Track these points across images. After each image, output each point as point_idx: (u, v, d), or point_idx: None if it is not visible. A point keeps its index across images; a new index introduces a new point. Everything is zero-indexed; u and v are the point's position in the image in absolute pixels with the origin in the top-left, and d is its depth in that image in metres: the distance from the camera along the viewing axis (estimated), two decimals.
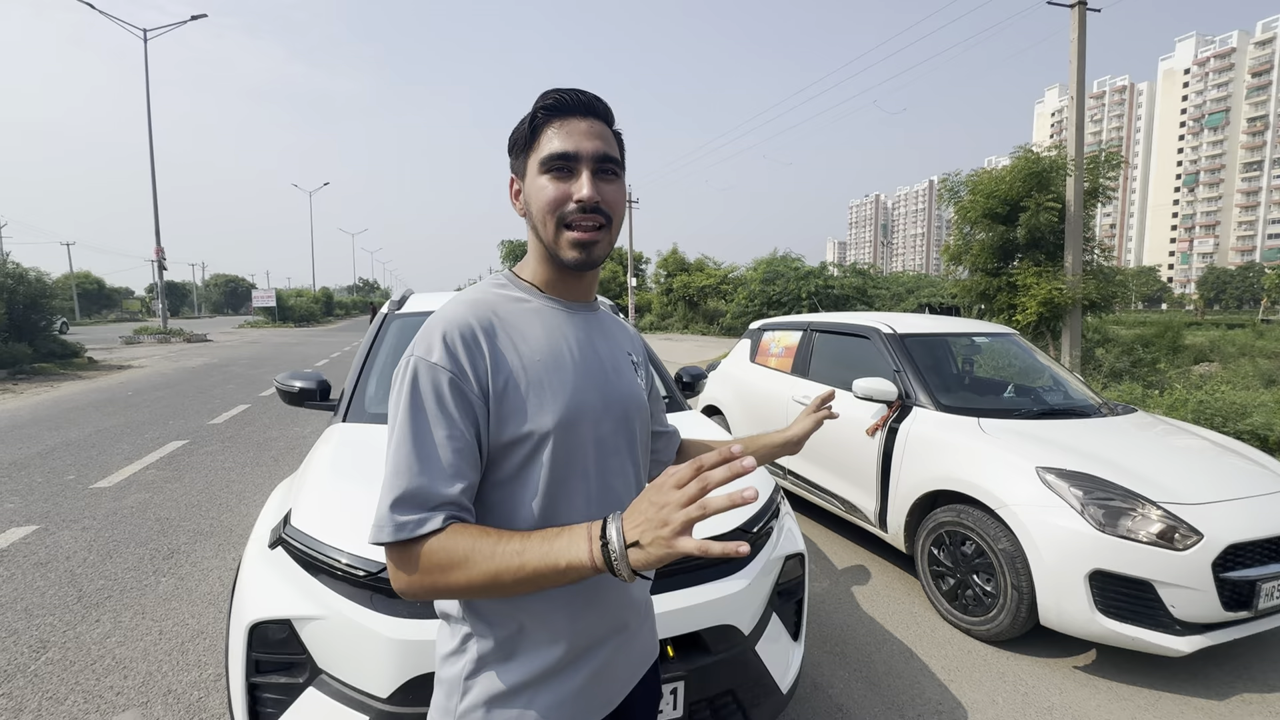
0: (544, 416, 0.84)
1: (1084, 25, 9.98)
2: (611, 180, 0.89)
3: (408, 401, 0.80)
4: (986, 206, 10.64)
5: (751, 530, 1.88)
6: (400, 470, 0.78)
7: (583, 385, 0.89)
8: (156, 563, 3.56)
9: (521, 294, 0.92)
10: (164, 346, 20.50)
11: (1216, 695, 2.49)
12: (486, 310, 0.87)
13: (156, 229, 22.37)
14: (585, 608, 0.88)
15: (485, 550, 0.75)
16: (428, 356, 0.81)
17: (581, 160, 0.85)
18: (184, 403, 9.01)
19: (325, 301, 51.56)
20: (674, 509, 0.65)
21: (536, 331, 0.88)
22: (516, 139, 0.91)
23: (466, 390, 0.80)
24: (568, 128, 0.86)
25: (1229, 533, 2.46)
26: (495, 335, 0.85)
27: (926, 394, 3.44)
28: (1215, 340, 16.15)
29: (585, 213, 0.86)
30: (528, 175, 0.89)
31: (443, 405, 0.79)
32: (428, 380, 0.80)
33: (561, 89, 0.88)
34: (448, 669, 0.88)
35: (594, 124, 0.88)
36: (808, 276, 23.12)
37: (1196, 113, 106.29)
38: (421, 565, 0.76)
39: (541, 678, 0.85)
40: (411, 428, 0.79)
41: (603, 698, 0.91)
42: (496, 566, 0.74)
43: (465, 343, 0.82)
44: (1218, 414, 6.40)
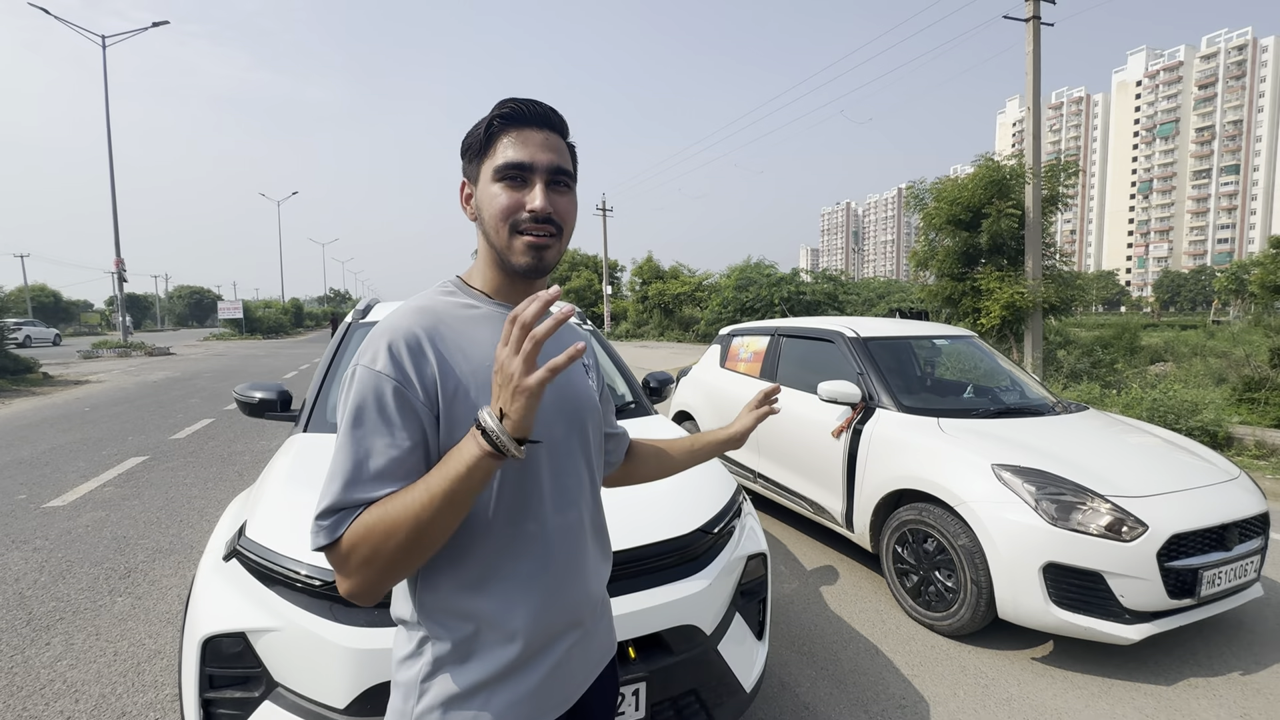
0: None
1: (1039, 39, 10.35)
2: (564, 192, 0.90)
3: (350, 410, 0.81)
4: (951, 213, 10.94)
5: (712, 530, 1.91)
6: (334, 477, 0.79)
7: None
8: (112, 582, 3.46)
9: (470, 300, 0.93)
10: (124, 360, 19.86)
11: (1164, 681, 2.59)
12: (433, 317, 0.87)
13: (116, 240, 21.73)
14: (542, 606, 0.89)
15: (396, 507, 0.75)
16: (372, 365, 0.81)
17: (536, 171, 0.87)
18: (144, 418, 8.75)
19: (295, 312, 50.57)
20: (509, 359, 0.69)
21: (485, 337, 0.88)
22: (470, 144, 0.91)
23: (411, 398, 0.80)
24: (523, 138, 0.87)
25: (1172, 523, 2.57)
26: (442, 342, 0.85)
27: (889, 396, 3.52)
28: (1170, 341, 16.78)
29: (538, 222, 0.87)
30: (480, 181, 0.90)
31: (384, 413, 0.79)
32: (370, 388, 0.80)
33: (518, 99, 0.89)
34: (404, 672, 0.88)
35: (549, 136, 0.89)
36: (780, 283, 23.41)
37: (1148, 123, 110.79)
38: (354, 554, 0.76)
39: (498, 677, 0.86)
40: (351, 435, 0.80)
41: (559, 695, 0.92)
42: (413, 511, 0.74)
43: (410, 350, 0.82)
44: (1171, 411, 6.66)
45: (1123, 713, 2.39)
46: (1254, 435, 6.48)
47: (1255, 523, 2.80)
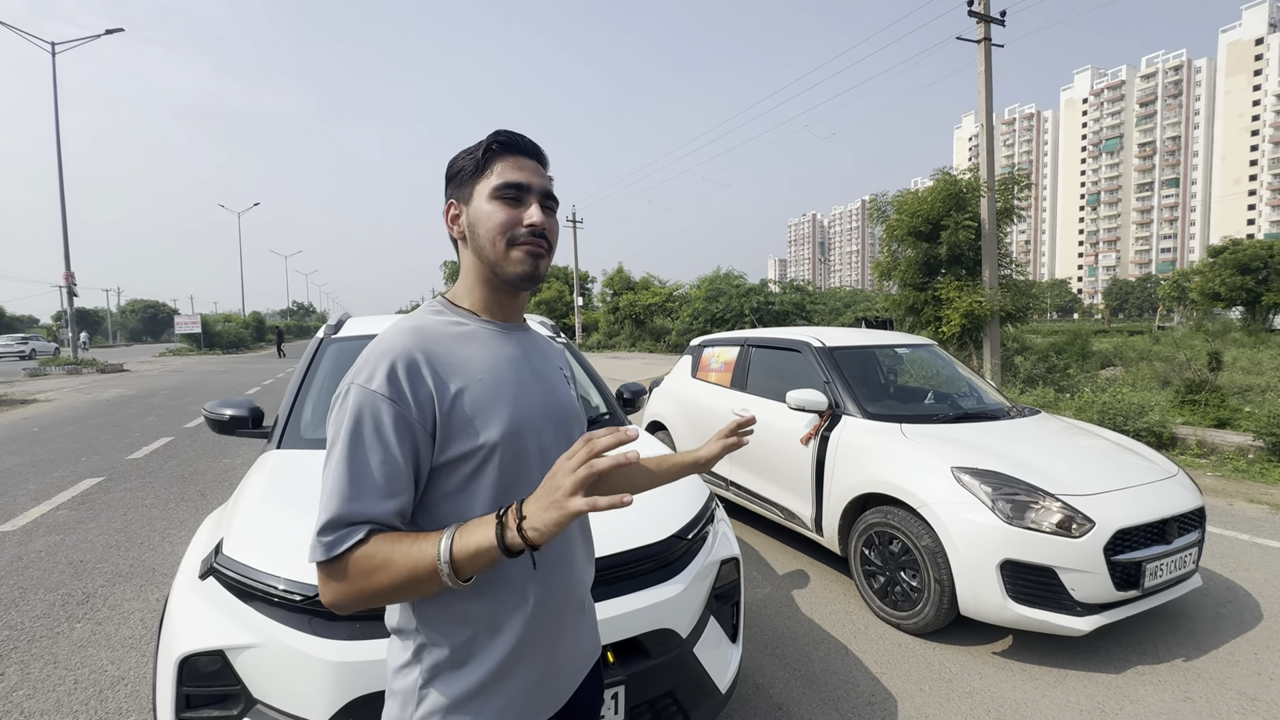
0: (490, 430, 0.90)
1: (990, 60, 10.84)
2: (551, 214, 0.99)
3: (347, 428, 0.84)
4: (911, 225, 11.32)
5: (687, 536, 1.97)
6: (334, 493, 0.83)
7: (523, 400, 0.95)
8: (70, 608, 3.34)
9: (459, 319, 0.98)
10: (75, 378, 19.05)
11: (1114, 670, 2.73)
12: (426, 336, 0.92)
13: (66, 253, 20.90)
14: (534, 608, 0.93)
15: (402, 551, 0.80)
16: (368, 384, 0.85)
17: (532, 191, 0.96)
18: (98, 437, 8.42)
19: (256, 326, 49.21)
20: (564, 475, 0.75)
21: (477, 353, 0.94)
22: (464, 167, 0.98)
23: (408, 416, 0.85)
24: (518, 164, 0.97)
25: (1118, 519, 2.73)
26: (438, 361, 0.90)
27: (854, 403, 3.65)
28: (1119, 346, 17.55)
29: (535, 236, 0.95)
30: (474, 200, 0.97)
31: (380, 432, 0.83)
32: (367, 407, 0.84)
33: (512, 131, 0.99)
34: (401, 680, 0.91)
35: (539, 166, 1.00)
36: (749, 293, 23.77)
37: (1095, 138, 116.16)
38: (348, 574, 0.81)
39: (493, 679, 0.90)
40: (348, 453, 0.83)
41: (551, 696, 0.97)
42: (413, 563, 0.79)
43: (408, 371, 0.86)
44: (1120, 414, 6.99)
45: (1076, 701, 2.51)
46: (1196, 435, 6.84)
47: (1192, 517, 2.99)
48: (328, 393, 2.78)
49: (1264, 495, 5.30)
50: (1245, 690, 2.57)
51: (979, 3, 10.75)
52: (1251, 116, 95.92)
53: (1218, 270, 30.03)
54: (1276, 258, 28.57)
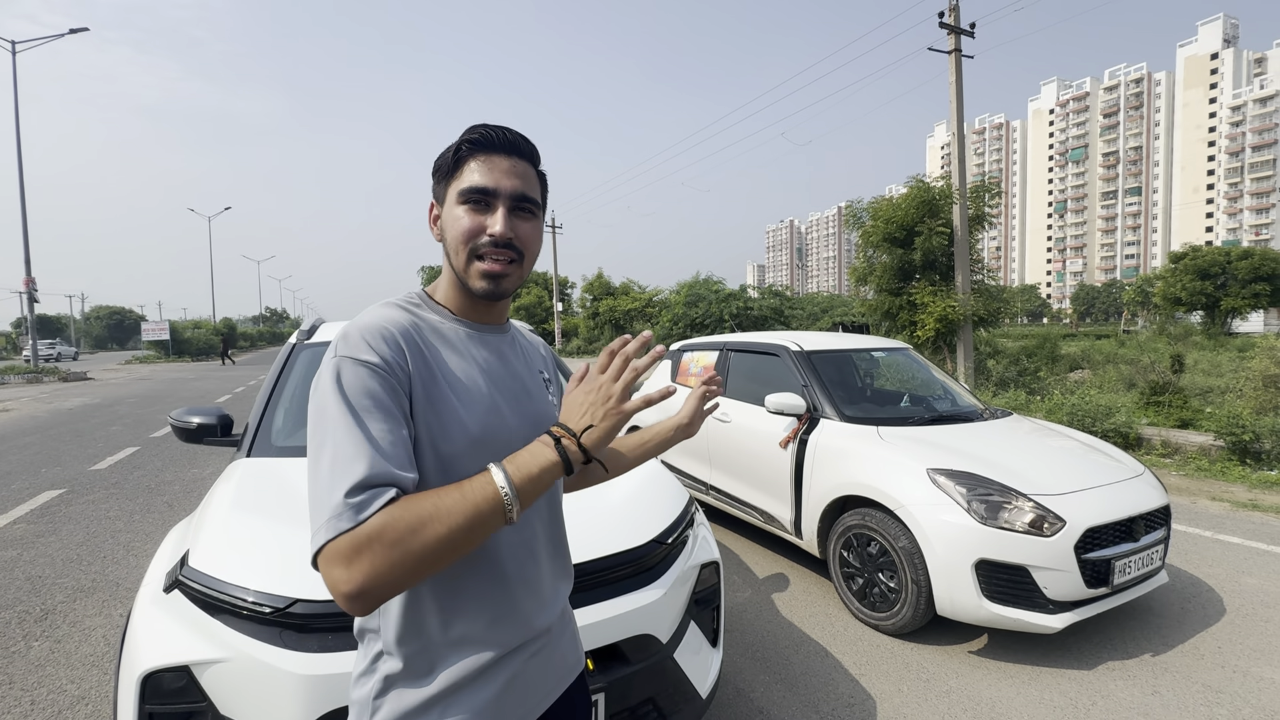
0: (454, 437, 0.85)
1: (960, 70, 11.09)
2: (528, 219, 0.92)
3: (339, 398, 0.78)
4: (886, 231, 11.52)
5: (666, 540, 1.96)
6: (345, 460, 0.74)
7: (495, 407, 0.91)
8: (27, 626, 3.21)
9: (435, 316, 0.94)
10: (35, 387, 18.41)
11: (1085, 666, 2.79)
12: (405, 319, 0.88)
13: (26, 257, 20.25)
14: (492, 621, 0.89)
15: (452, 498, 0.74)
16: (354, 354, 0.81)
17: (499, 196, 0.89)
18: (59, 448, 8.14)
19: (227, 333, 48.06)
20: (608, 383, 0.81)
21: (449, 353, 0.90)
22: (440, 165, 0.93)
23: (396, 386, 0.81)
24: (490, 164, 0.89)
25: (1087, 518, 2.79)
26: (415, 343, 0.86)
27: (832, 406, 3.68)
28: (1086, 350, 18.06)
29: (497, 247, 0.89)
30: (446, 203, 0.92)
31: (376, 398, 0.79)
32: (356, 376, 0.79)
33: (489, 125, 0.91)
34: (358, 689, 0.88)
35: (516, 163, 0.91)
36: (728, 299, 23.92)
37: (1061, 147, 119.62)
38: (385, 538, 0.70)
39: (452, 690, 0.86)
40: (348, 421, 0.77)
41: (518, 710, 0.92)
42: (471, 504, 0.74)
43: (388, 342, 0.83)
44: (1088, 415, 7.16)
45: (1050, 698, 2.56)
46: (1160, 435, 7.05)
47: (1158, 515, 3.07)
48: (300, 400, 2.72)
49: (1225, 493, 5.47)
50: (1210, 683, 2.64)
51: (950, 15, 11.01)
52: (1208, 128, 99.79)
53: (1179, 275, 31.10)
54: (1234, 263, 29.66)
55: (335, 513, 0.71)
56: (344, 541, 0.70)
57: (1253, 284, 29.06)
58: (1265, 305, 30.12)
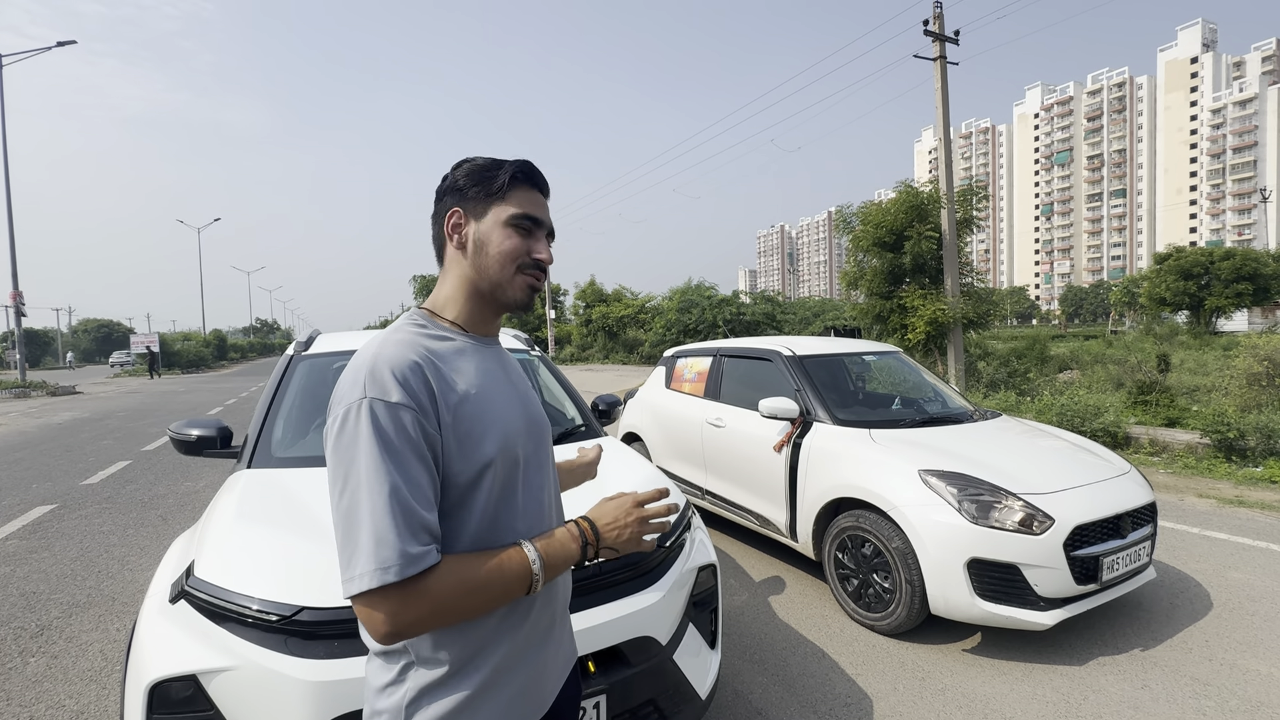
0: (487, 446, 0.91)
1: (945, 76, 11.26)
2: (550, 245, 1.07)
3: (375, 442, 0.81)
4: (876, 236, 11.62)
5: (664, 544, 2.00)
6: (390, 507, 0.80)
7: (509, 413, 0.98)
8: (23, 642, 3.20)
9: (444, 333, 0.99)
10: (23, 402, 18.21)
11: (1077, 662, 2.84)
12: (422, 349, 0.92)
13: (14, 270, 20.06)
14: (520, 617, 0.96)
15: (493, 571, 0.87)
16: (385, 396, 0.83)
17: (543, 227, 1.03)
18: (50, 463, 8.07)
19: (218, 345, 47.72)
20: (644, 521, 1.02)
21: (466, 367, 0.96)
22: (483, 181, 0.99)
23: (427, 426, 0.85)
24: (534, 198, 1.02)
25: (1075, 516, 2.84)
26: (438, 372, 0.91)
27: (824, 410, 3.73)
28: (1075, 350, 18.24)
29: (540, 270, 1.02)
30: (488, 220, 0.99)
31: (411, 442, 0.83)
32: (390, 419, 0.83)
33: (532, 164, 1.04)
34: (385, 700, 0.89)
35: (547, 202, 1.06)
36: (721, 304, 24.06)
37: (1047, 151, 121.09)
38: (431, 596, 0.81)
39: (482, 690, 0.91)
40: (389, 465, 0.81)
41: (537, 700, 0.99)
42: (507, 581, 0.88)
43: (418, 381, 0.87)
44: (1077, 415, 7.26)
45: (1042, 693, 2.60)
46: (1148, 434, 7.15)
47: (1145, 512, 3.13)
48: (299, 410, 2.74)
49: (1211, 490, 5.57)
50: (1198, 676, 2.70)
51: (934, 22, 11.18)
52: (1190, 130, 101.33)
53: (1163, 276, 31.52)
54: (1216, 264, 30.10)
55: (382, 563, 0.78)
56: (391, 592, 0.79)
57: (1235, 283, 29.51)
58: (1248, 304, 30.58)
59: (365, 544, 0.79)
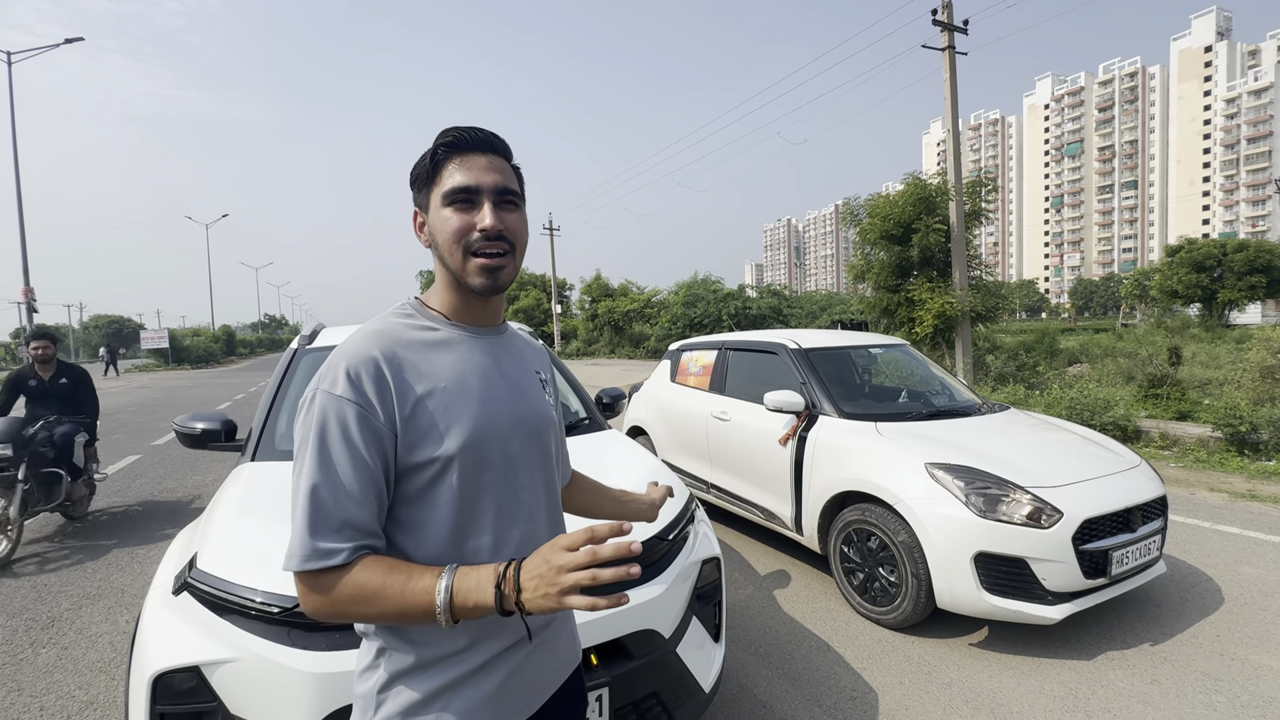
0: (450, 441, 0.88)
1: (954, 67, 11.13)
2: (512, 210, 0.95)
3: (316, 434, 0.84)
4: (883, 229, 11.54)
5: (667, 537, 1.98)
6: (310, 500, 0.83)
7: (490, 408, 0.94)
8: (34, 633, 3.23)
9: (428, 322, 0.97)
10: None
11: (1085, 656, 2.81)
12: (390, 341, 0.91)
13: (25, 267, 20.25)
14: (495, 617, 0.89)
15: (396, 587, 0.82)
16: (332, 390, 0.85)
17: (483, 193, 0.92)
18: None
19: (226, 340, 48.07)
20: (563, 572, 0.75)
21: (443, 359, 0.93)
22: (418, 174, 0.96)
23: (373, 420, 0.85)
24: (468, 163, 0.93)
25: (1084, 509, 2.81)
26: (400, 366, 0.89)
27: (830, 403, 3.71)
28: (1085, 344, 18.10)
29: (489, 240, 0.92)
30: (431, 208, 0.94)
31: (348, 437, 0.84)
32: (333, 413, 0.84)
33: (460, 127, 0.94)
34: (362, 684, 0.91)
35: (493, 159, 0.94)
36: (727, 298, 23.97)
37: (1057, 142, 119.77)
38: (333, 595, 0.82)
39: (455, 684, 0.89)
40: (320, 459, 0.84)
41: (520, 702, 0.95)
42: (405, 603, 0.81)
43: (370, 375, 0.86)
44: (1087, 409, 7.19)
45: (1050, 688, 2.58)
46: (1159, 428, 7.08)
47: (1155, 505, 3.10)
48: None
49: (1223, 484, 5.50)
50: (1209, 671, 2.66)
51: (943, 12, 11.05)
52: (1203, 120, 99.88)
53: (1175, 269, 31.15)
54: (1230, 256, 29.71)
55: (304, 551, 0.82)
56: (307, 579, 0.83)
57: (1249, 276, 29.11)
58: (1262, 297, 30.17)
59: (295, 528, 0.83)
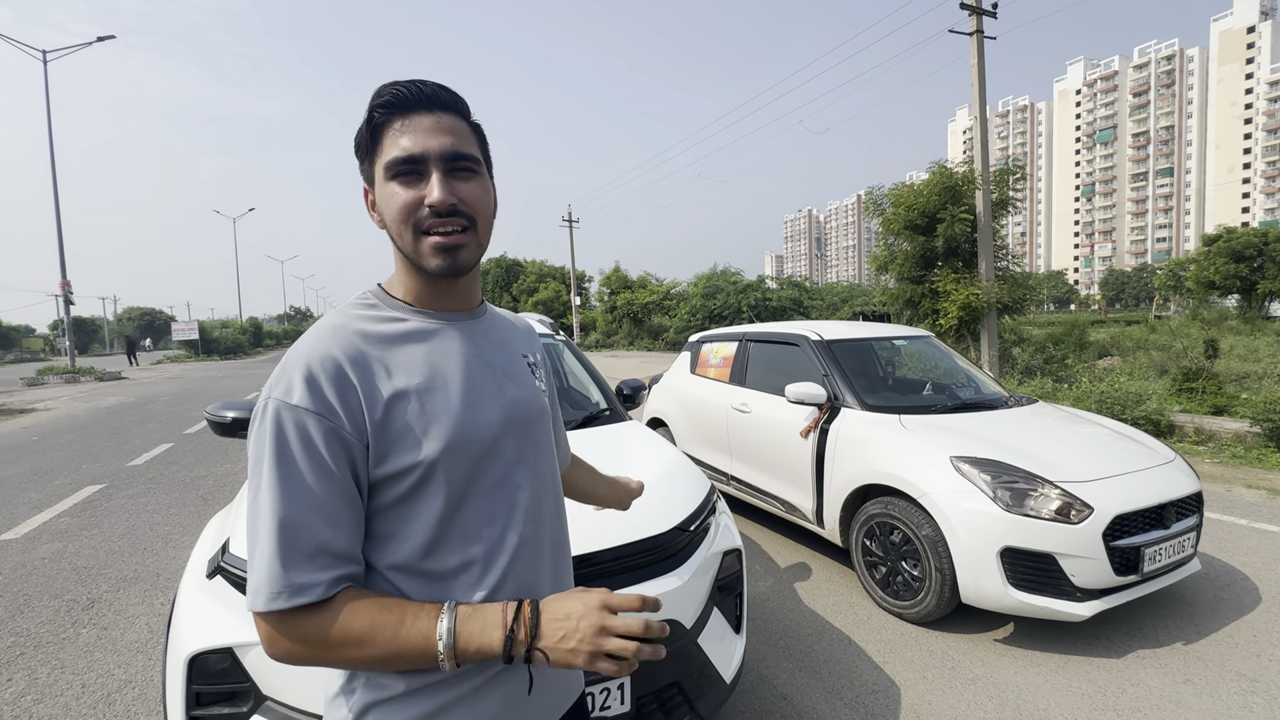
0: (429, 444, 0.78)
1: (983, 52, 10.86)
2: (469, 178, 0.82)
3: (273, 451, 0.72)
4: (907, 219, 11.34)
5: (689, 528, 1.98)
6: (275, 525, 0.71)
7: (471, 403, 0.83)
8: (75, 614, 3.35)
9: (393, 313, 0.85)
10: (73, 386, 19.02)
11: (1115, 654, 2.76)
12: (352, 337, 0.79)
13: (62, 261, 20.87)
14: None
15: (388, 630, 0.72)
16: (288, 398, 0.73)
17: (429, 160, 0.78)
18: (98, 445, 8.42)
19: (254, 332, 49.06)
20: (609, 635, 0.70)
21: (413, 354, 0.82)
22: (358, 143, 0.83)
23: (339, 429, 0.73)
24: (411, 125, 0.79)
25: (1116, 505, 2.75)
26: (365, 365, 0.78)
27: (853, 395, 3.67)
28: (1116, 336, 17.63)
29: (441, 217, 0.79)
30: (377, 182, 0.82)
31: (311, 451, 0.72)
32: (292, 425, 0.72)
33: (399, 81, 0.80)
34: (335, 712, 0.82)
35: (441, 118, 0.80)
36: (746, 290, 23.80)
37: (1089, 129, 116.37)
38: (309, 637, 0.71)
39: (442, 711, 0.80)
40: (281, 478, 0.71)
41: None
42: (399, 648, 0.72)
43: (331, 378, 0.74)
44: (1117, 403, 7.02)
45: (1078, 685, 2.54)
46: (1193, 422, 6.88)
47: (1190, 502, 3.01)
48: None
49: (1261, 480, 5.33)
50: (1245, 672, 2.59)
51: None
52: (1244, 105, 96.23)
53: (1212, 259, 30.15)
54: (1271, 245, 28.67)
55: (273, 586, 0.70)
56: (275, 620, 0.71)
57: None
58: None
59: (258, 561, 0.71)
